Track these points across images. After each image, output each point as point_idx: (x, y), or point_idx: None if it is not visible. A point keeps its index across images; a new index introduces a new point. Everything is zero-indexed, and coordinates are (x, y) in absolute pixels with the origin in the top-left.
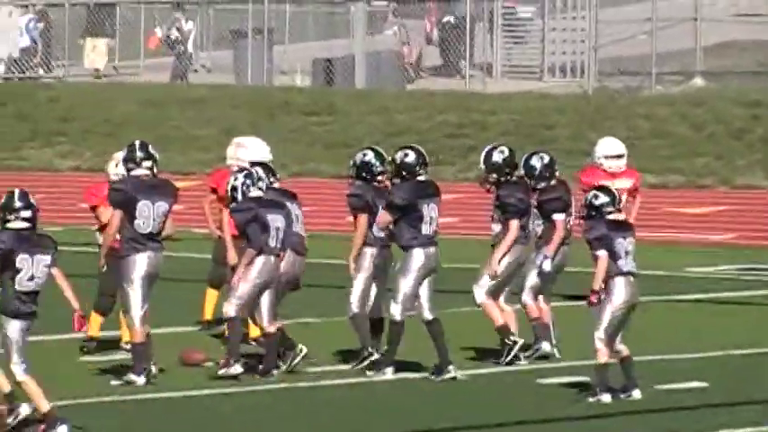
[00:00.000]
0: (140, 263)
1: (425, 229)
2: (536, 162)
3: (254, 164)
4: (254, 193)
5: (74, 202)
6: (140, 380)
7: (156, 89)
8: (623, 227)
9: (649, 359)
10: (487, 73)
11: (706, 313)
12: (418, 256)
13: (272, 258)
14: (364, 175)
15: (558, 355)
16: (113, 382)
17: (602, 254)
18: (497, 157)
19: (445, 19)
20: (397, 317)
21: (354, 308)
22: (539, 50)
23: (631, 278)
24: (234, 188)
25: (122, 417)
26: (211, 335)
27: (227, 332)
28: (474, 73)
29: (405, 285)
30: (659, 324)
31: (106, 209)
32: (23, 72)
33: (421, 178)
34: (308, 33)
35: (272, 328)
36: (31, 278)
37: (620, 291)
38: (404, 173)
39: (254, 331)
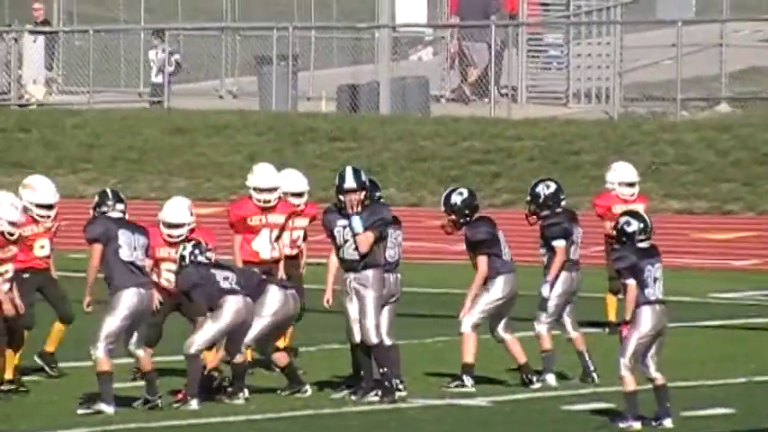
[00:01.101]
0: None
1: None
2: (541, 190)
3: (257, 189)
4: (201, 259)
5: None
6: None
7: (181, 115)
8: (651, 253)
9: (675, 385)
10: (512, 99)
11: (732, 339)
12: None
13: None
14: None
15: (596, 380)
16: (80, 411)
17: (632, 282)
18: (456, 198)
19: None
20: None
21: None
22: (564, 76)
23: (657, 307)
24: (182, 257)
25: None
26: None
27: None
28: (498, 99)
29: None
30: (685, 350)
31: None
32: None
33: None
34: (332, 59)
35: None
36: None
37: (647, 320)
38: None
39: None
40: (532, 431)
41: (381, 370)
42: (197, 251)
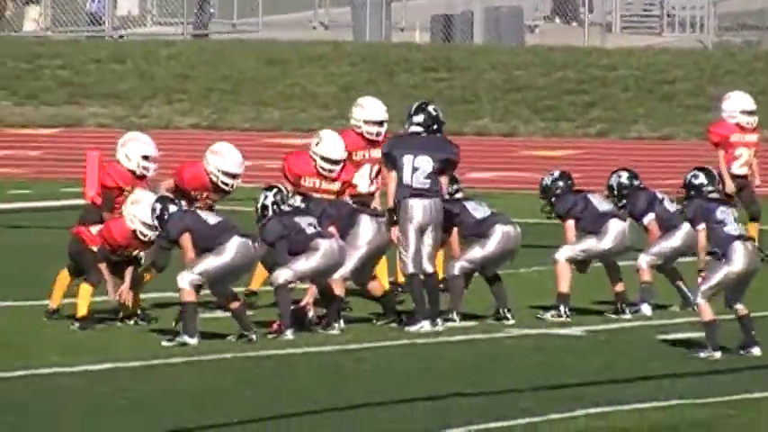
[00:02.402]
0: None
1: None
2: (614, 181)
3: (369, 122)
4: (284, 208)
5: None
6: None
7: (274, 46)
8: (722, 201)
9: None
10: (607, 28)
11: None
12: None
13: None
14: None
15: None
16: (164, 343)
17: (701, 227)
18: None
19: None
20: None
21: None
22: (658, 5)
23: (749, 244)
24: (264, 207)
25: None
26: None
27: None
28: (593, 29)
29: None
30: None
31: None
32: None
33: None
34: None
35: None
36: None
37: (740, 256)
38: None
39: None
40: (627, 360)
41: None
42: (279, 199)
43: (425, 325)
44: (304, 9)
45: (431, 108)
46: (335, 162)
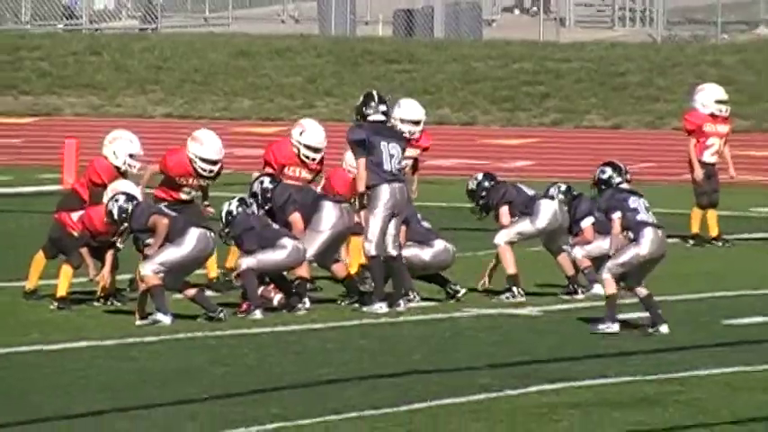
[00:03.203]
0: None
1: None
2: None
3: (406, 121)
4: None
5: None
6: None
7: (245, 39)
8: (633, 191)
9: (716, 296)
10: (561, 23)
11: None
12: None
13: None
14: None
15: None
16: (138, 323)
17: (617, 215)
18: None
19: None
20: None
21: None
22: (610, 1)
23: (659, 231)
24: (229, 212)
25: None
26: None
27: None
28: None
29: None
30: (725, 262)
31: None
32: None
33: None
34: None
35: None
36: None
37: (647, 241)
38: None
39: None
40: (580, 338)
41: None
42: (243, 208)
43: (382, 306)
44: (273, 3)
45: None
46: (317, 150)
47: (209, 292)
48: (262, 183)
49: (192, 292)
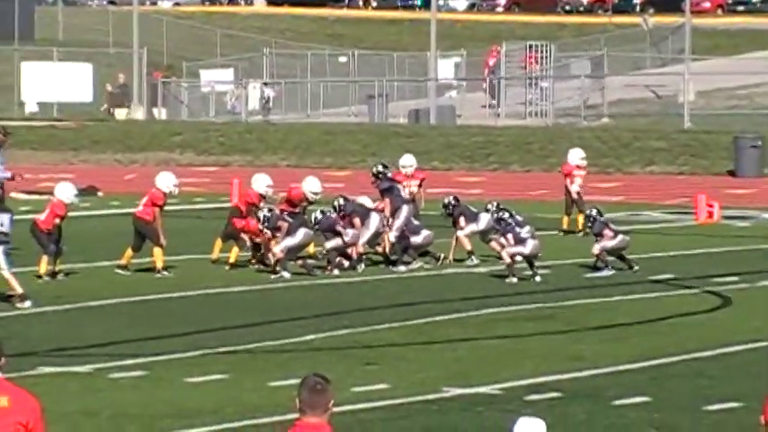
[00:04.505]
0: None
1: None
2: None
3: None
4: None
5: None
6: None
7: (329, 126)
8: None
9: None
10: (497, 116)
11: None
12: None
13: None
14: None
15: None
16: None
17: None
18: None
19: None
20: None
21: None
22: (524, 102)
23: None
24: (316, 217)
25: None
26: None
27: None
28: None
29: None
30: None
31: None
32: None
33: None
34: (405, 95)
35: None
36: None
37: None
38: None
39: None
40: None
41: None
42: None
43: (401, 267)
44: (343, 106)
45: None
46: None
47: (310, 260)
48: (338, 201)
49: (300, 261)
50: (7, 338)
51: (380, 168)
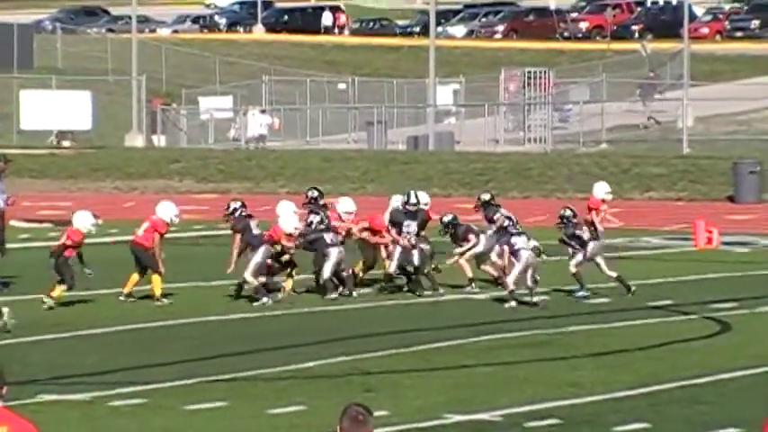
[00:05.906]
0: None
1: None
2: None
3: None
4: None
5: None
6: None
7: (328, 153)
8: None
9: None
10: (496, 142)
11: None
12: None
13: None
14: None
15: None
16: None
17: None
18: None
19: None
20: None
21: None
22: (523, 127)
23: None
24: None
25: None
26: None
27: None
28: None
29: None
30: None
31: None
32: None
33: None
34: (404, 121)
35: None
36: None
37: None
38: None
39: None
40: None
41: None
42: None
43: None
44: (342, 133)
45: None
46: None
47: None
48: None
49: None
50: (8, 365)
51: (315, 194)
